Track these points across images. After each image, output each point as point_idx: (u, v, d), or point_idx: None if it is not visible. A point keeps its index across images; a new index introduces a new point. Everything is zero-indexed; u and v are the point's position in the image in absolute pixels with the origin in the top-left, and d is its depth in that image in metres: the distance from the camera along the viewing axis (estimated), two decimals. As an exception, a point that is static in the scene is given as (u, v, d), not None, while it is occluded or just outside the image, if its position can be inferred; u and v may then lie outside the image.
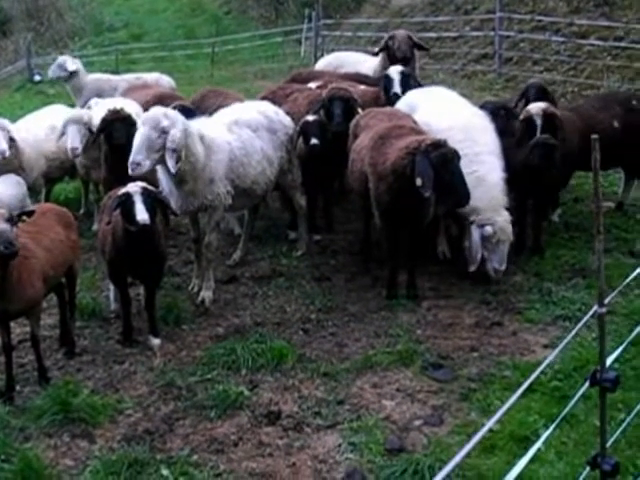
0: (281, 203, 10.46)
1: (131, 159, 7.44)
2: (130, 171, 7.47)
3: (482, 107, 9.48)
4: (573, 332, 4.34)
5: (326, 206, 10.32)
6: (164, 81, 14.91)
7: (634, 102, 9.74)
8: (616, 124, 9.47)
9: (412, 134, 7.93)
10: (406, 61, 11.25)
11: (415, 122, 8.70)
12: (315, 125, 9.20)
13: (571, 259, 8.86)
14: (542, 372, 6.49)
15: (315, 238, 9.92)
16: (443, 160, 7.34)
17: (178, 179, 7.85)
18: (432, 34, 21.02)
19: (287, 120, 9.28)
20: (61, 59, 15.37)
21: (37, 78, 29.33)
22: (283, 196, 10.09)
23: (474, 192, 7.80)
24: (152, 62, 31.79)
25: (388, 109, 9.17)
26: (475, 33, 20.03)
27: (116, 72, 28.50)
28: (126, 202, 6.88)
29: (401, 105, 9.49)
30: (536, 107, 8.95)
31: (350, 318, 7.94)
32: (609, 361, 4.26)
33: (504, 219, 8.04)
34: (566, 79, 16.39)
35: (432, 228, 8.94)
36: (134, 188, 6.95)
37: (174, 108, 9.98)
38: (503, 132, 9.11)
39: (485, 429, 3.39)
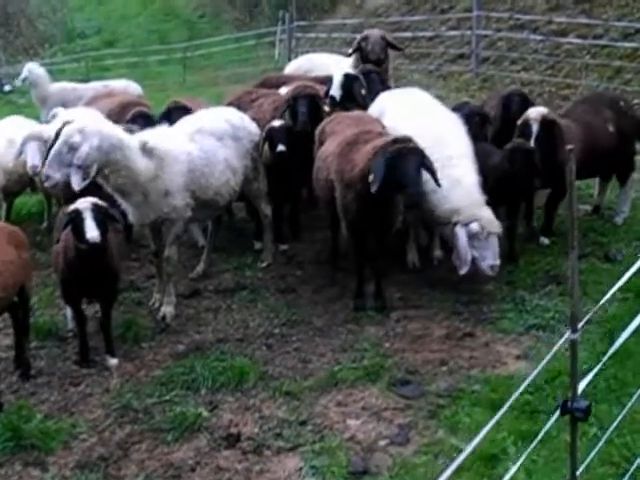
0: (246, 212, 10.26)
1: (44, 171, 7.58)
2: (46, 183, 7.69)
3: (456, 109, 9.32)
4: (542, 363, 4.14)
5: (293, 214, 10.12)
6: (132, 88, 14.76)
7: (622, 103, 9.58)
8: (611, 128, 9.28)
9: (380, 139, 7.73)
10: (379, 63, 11.06)
11: (384, 127, 8.53)
12: (281, 130, 9.02)
13: (546, 265, 8.71)
14: (513, 385, 6.45)
15: (281, 248, 9.73)
16: (397, 155, 7.19)
17: (118, 193, 7.73)
18: (408, 34, 20.91)
19: (253, 127, 9.10)
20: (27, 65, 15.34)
21: (7, 88, 29.03)
22: (248, 205, 9.90)
23: (452, 193, 7.79)
24: (124, 68, 31.67)
25: (355, 114, 8.97)
26: (452, 32, 19.92)
27: (87, 80, 28.52)
28: (76, 219, 6.69)
29: (372, 109, 9.33)
30: (535, 112, 8.86)
31: (315, 332, 7.76)
32: (581, 387, 4.10)
33: (489, 214, 7.83)
34: (543, 79, 16.29)
35: (401, 236, 8.81)
36: (84, 204, 6.75)
37: (133, 115, 9.90)
38: (477, 138, 8.99)
39: (463, 457, 3.23)
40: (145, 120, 9.78)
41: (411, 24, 21.46)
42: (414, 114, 8.76)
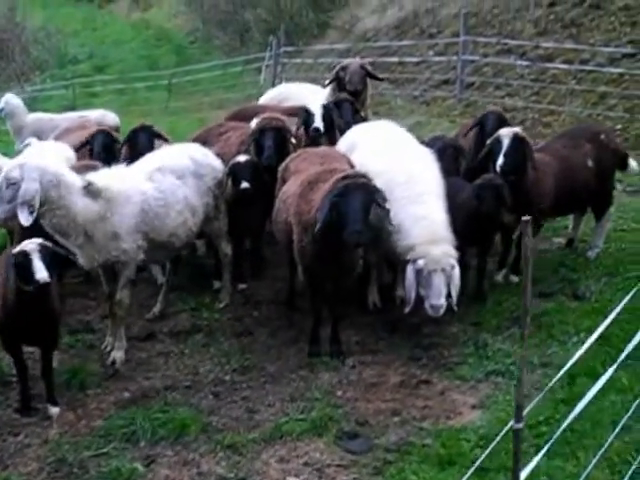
0: (206, 250, 9.98)
1: None
2: None
3: (429, 143, 9.06)
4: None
5: (254, 251, 9.80)
6: (109, 118, 14.49)
7: (603, 137, 9.22)
8: (590, 163, 8.95)
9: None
10: (357, 94, 10.81)
11: (351, 163, 8.26)
12: (246, 166, 8.76)
13: (512, 306, 8.34)
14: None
15: (240, 287, 9.43)
16: (342, 192, 6.88)
17: (56, 232, 7.44)
18: (395, 59, 20.70)
19: (216, 163, 8.83)
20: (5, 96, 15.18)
21: (-6, 114, 28.88)
22: (208, 243, 9.62)
23: (413, 230, 7.53)
24: (113, 94, 31.62)
25: (322, 150, 8.64)
26: (438, 58, 19.70)
27: (73, 107, 28.46)
28: (23, 261, 6.44)
29: (341, 143, 9.06)
30: (507, 129, 8.61)
31: (267, 379, 7.46)
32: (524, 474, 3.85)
33: (441, 251, 7.45)
34: (527, 105, 16.03)
35: (363, 276, 8.54)
36: (31, 245, 6.51)
37: (92, 134, 9.95)
38: (450, 172, 8.74)
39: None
40: (105, 138, 9.85)
41: (399, 49, 21.23)
42: (385, 150, 8.44)
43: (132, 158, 9.10)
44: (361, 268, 7.72)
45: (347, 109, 10.07)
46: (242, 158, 8.84)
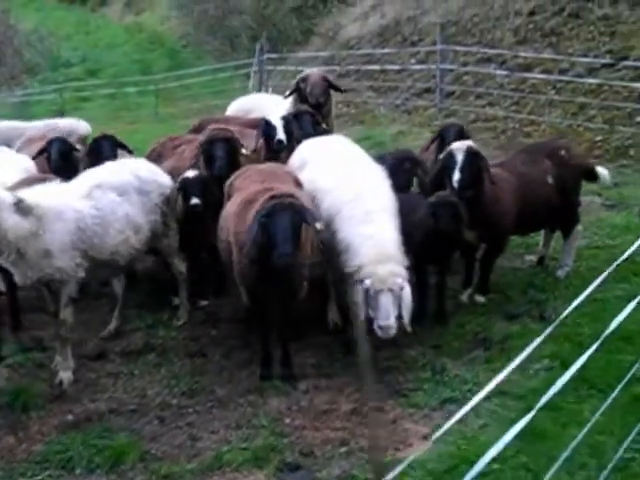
0: (162, 267, 9.57)
1: None
2: None
3: (381, 158, 8.67)
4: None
5: (213, 268, 9.37)
6: (79, 127, 14.06)
7: (563, 152, 8.83)
8: (550, 180, 8.58)
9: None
10: (319, 107, 10.41)
11: (297, 181, 7.90)
12: (196, 182, 8.38)
13: (476, 327, 7.98)
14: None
15: (201, 304, 9.05)
16: (269, 213, 6.54)
17: None
18: (377, 67, 20.34)
19: (164, 179, 8.45)
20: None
21: (-20, 119, 28.50)
22: (163, 260, 9.22)
23: (361, 250, 7.13)
24: (103, 99, 31.27)
25: (268, 167, 8.22)
26: (417, 66, 19.32)
27: (62, 112, 28.06)
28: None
29: (293, 159, 8.68)
30: (460, 143, 8.22)
31: (215, 403, 7.06)
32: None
33: (388, 270, 7.03)
34: (508, 114, 15.65)
35: (321, 295, 8.18)
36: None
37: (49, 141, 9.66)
38: (406, 186, 8.45)
39: None
40: (61, 146, 9.65)
41: (381, 57, 20.84)
42: (334, 166, 8.08)
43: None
44: (306, 289, 7.26)
45: (307, 121, 9.70)
46: (191, 173, 8.47)
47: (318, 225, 6.82)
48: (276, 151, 9.01)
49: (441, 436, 6.18)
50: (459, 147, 8.00)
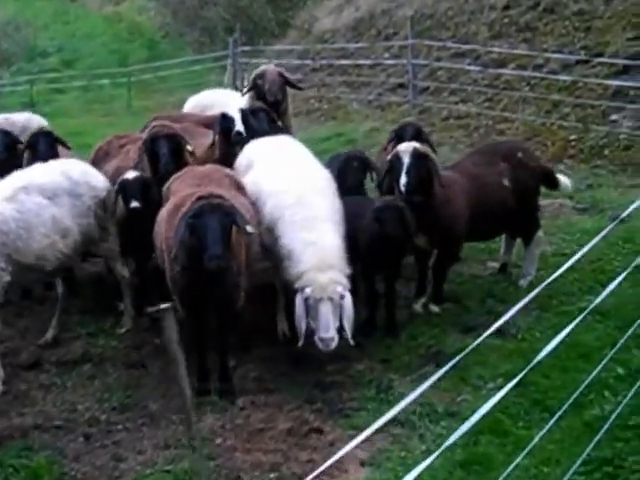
0: (107, 271, 9.14)
1: None
2: None
3: (332, 159, 8.31)
4: None
5: (161, 273, 8.93)
6: (34, 122, 13.56)
7: (520, 154, 8.38)
8: (506, 182, 8.15)
9: None
10: (277, 105, 9.97)
11: (238, 184, 7.52)
12: (135, 184, 7.96)
13: (429, 339, 7.57)
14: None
15: (148, 310, 8.59)
16: (197, 214, 6.13)
17: None
18: (349, 61, 19.93)
19: (98, 181, 8.04)
20: None
21: (-52, 111, 27.92)
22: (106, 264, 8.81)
23: (302, 257, 6.81)
24: (77, 91, 30.69)
25: (207, 169, 7.72)
26: (389, 61, 18.87)
27: (32, 103, 27.49)
28: None
29: (240, 160, 8.31)
30: (406, 145, 7.80)
31: (146, 420, 6.64)
32: None
33: (328, 278, 6.67)
34: (481, 111, 15.24)
35: (270, 303, 7.83)
36: None
37: None
38: (356, 187, 8.14)
39: None
40: (3, 138, 9.36)
41: (355, 51, 20.37)
42: (278, 169, 7.73)
43: (33, 163, 8.40)
44: (243, 298, 6.84)
45: (262, 119, 9.26)
46: (131, 175, 8.05)
47: (249, 228, 6.39)
48: (234, 144, 8.62)
49: (380, 462, 5.89)
50: (405, 149, 7.59)
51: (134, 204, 7.81)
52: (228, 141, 8.72)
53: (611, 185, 11.65)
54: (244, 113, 8.82)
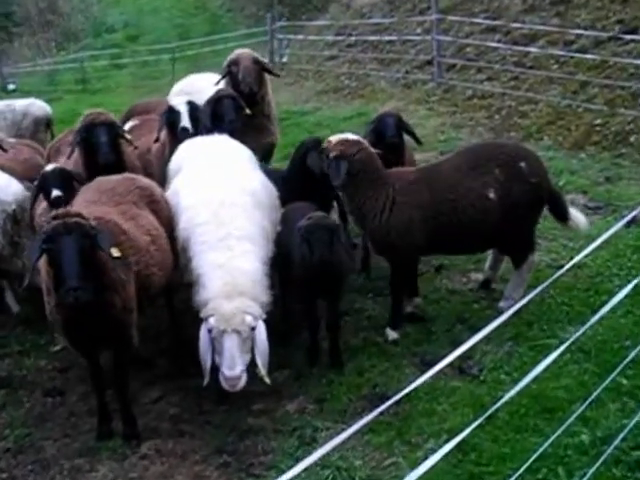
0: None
1: None
2: None
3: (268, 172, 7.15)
4: None
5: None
6: (35, 107, 12.58)
7: (522, 164, 6.50)
8: (491, 194, 6.43)
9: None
10: (253, 96, 8.68)
11: (150, 198, 6.26)
12: (55, 174, 6.75)
13: (377, 376, 6.17)
14: None
15: (52, 350, 7.41)
16: (51, 237, 4.77)
17: None
18: (377, 37, 18.47)
19: (6, 194, 6.99)
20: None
21: (11, 87, 27.42)
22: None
23: (207, 282, 5.64)
24: (135, 67, 29.87)
25: (116, 179, 6.35)
26: (412, 37, 17.29)
27: (83, 80, 26.69)
28: None
29: (172, 163, 7.15)
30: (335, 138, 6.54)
31: (36, 467, 5.56)
32: None
33: (235, 306, 5.43)
34: (505, 91, 13.61)
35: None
36: None
37: None
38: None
39: None
40: None
41: (389, 26, 18.80)
42: (199, 178, 6.49)
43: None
44: (136, 340, 5.58)
45: (228, 106, 7.99)
46: (49, 167, 6.90)
47: (114, 252, 5.06)
48: (180, 141, 7.42)
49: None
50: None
51: (56, 193, 6.57)
52: (175, 136, 7.51)
53: (632, 178, 9.91)
54: (193, 106, 7.64)
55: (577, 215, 6.92)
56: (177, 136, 7.51)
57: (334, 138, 6.45)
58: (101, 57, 31.47)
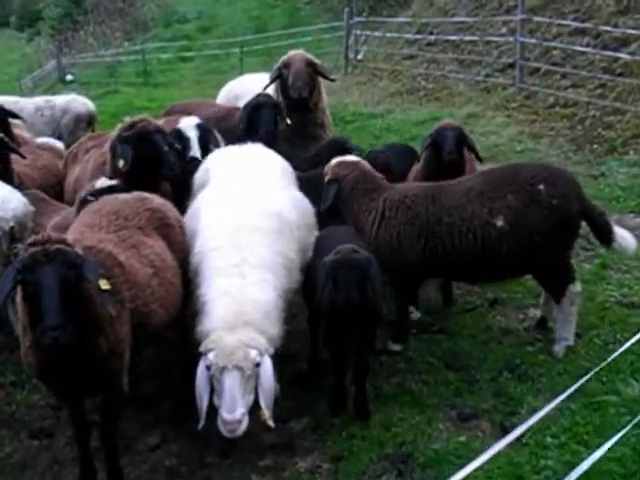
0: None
1: None
2: None
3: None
4: None
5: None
6: (76, 104, 12.47)
7: (541, 187, 6.02)
8: (499, 222, 6.04)
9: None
10: (303, 102, 8.28)
11: (162, 221, 5.82)
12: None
13: (406, 431, 5.62)
14: None
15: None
16: (28, 267, 4.26)
17: None
18: (455, 37, 17.95)
19: (8, 207, 6.60)
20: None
21: (69, 78, 27.66)
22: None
23: (211, 310, 5.27)
24: (203, 60, 29.73)
25: (125, 199, 5.90)
26: (495, 38, 16.61)
27: (145, 71, 26.61)
28: None
29: (199, 174, 6.81)
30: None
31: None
32: None
33: (237, 339, 5.00)
34: (590, 100, 12.88)
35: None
36: None
37: None
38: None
39: None
40: None
41: (473, 24, 18.15)
42: (222, 195, 6.12)
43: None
44: (126, 387, 5.13)
45: (266, 115, 7.64)
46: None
47: (103, 284, 4.60)
48: (189, 172, 7.01)
49: None
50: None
51: None
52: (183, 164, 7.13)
53: None
54: (203, 130, 7.27)
55: (624, 235, 6.29)
56: (186, 164, 7.13)
57: (333, 161, 6.58)
58: (168, 49, 31.40)
